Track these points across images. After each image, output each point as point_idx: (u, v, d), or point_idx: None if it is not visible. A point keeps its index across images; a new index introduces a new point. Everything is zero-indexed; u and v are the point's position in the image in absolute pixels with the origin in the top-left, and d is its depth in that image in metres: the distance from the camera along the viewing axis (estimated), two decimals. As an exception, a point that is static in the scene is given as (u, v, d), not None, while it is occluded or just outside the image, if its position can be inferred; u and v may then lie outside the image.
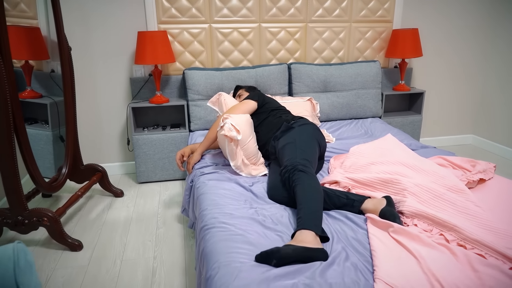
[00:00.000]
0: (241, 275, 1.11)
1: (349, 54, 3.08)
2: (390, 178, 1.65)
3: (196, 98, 2.70)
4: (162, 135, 2.71)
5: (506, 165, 3.10)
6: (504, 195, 1.65)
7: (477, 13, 3.26)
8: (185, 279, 1.76)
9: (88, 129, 2.85)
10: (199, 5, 2.72)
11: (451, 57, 3.35)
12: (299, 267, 1.16)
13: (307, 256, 1.19)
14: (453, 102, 3.51)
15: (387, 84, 3.22)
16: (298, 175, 1.56)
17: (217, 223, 1.43)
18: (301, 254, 1.19)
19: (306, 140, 1.85)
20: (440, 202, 1.50)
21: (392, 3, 3.04)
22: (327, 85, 2.87)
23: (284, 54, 2.96)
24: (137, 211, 2.41)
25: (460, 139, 3.65)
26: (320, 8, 2.92)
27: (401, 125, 3.12)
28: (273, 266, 1.16)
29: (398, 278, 1.09)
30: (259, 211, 1.55)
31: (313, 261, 1.19)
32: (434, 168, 1.76)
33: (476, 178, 1.76)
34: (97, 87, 2.78)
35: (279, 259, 1.17)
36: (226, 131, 1.81)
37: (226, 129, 1.82)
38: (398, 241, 1.28)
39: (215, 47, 2.83)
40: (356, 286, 1.08)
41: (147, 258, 1.92)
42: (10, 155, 1.79)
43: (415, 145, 2.37)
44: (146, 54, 2.50)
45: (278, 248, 1.19)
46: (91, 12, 2.62)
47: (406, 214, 1.46)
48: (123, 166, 2.99)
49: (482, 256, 1.21)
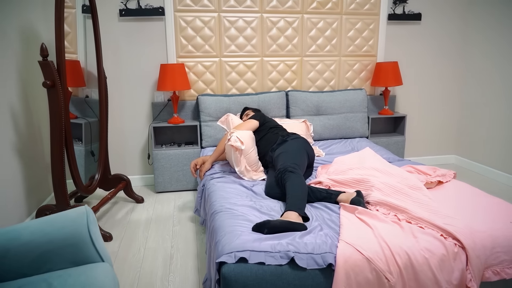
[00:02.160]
0: (241, 237, 1.52)
1: (339, 83, 3.58)
2: (362, 178, 2.07)
3: (208, 120, 3.18)
4: (178, 151, 3.17)
5: (486, 183, 3.47)
6: (455, 192, 2.05)
7: (451, 44, 3.75)
8: (197, 261, 2.15)
9: (116, 145, 3.33)
10: (211, 43, 3.26)
11: (429, 84, 3.82)
12: (284, 234, 1.57)
13: (290, 227, 1.60)
14: (435, 124, 3.94)
15: (373, 109, 3.68)
16: (288, 175, 1.99)
17: (224, 208, 1.86)
18: (286, 225, 1.60)
19: (296, 150, 2.29)
20: (399, 195, 1.91)
21: (375, 40, 3.56)
22: (320, 109, 3.34)
23: (283, 83, 3.47)
24: (155, 214, 2.83)
25: (443, 159, 4.05)
26: (313, 44, 3.44)
27: (386, 145, 3.54)
28: (265, 234, 1.57)
29: (355, 239, 1.50)
30: (257, 202, 1.97)
31: (295, 231, 1.60)
32: (400, 172, 2.18)
33: (434, 180, 2.17)
34: (124, 110, 3.28)
35: (269, 228, 1.58)
36: (232, 141, 2.27)
37: (232, 140, 2.28)
38: (361, 218, 1.69)
39: (224, 77, 3.35)
40: (325, 244, 1.48)
41: (166, 247, 2.32)
42: (60, 163, 2.24)
43: (392, 158, 2.79)
44: (167, 82, 3.01)
45: (269, 221, 1.60)
46: (123, 48, 3.16)
47: (372, 203, 1.87)
48: (142, 178, 3.44)
49: (422, 228, 1.61)
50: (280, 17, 3.33)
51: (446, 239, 1.54)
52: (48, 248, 1.30)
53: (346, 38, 3.49)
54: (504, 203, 1.90)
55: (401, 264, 1.45)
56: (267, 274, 1.38)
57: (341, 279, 1.40)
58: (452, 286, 1.48)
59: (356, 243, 1.48)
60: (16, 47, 2.47)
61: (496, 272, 1.55)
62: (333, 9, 3.40)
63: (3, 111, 2.27)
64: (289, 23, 3.36)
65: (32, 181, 2.63)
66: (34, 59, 2.77)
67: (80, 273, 1.26)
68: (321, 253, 1.44)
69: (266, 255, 1.42)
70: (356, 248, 1.45)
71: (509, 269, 1.56)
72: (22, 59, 2.56)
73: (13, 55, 2.43)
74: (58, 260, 1.31)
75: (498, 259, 1.55)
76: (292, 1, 3.32)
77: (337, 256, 1.42)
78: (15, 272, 1.28)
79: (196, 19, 3.20)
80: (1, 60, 2.28)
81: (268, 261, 1.39)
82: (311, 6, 3.36)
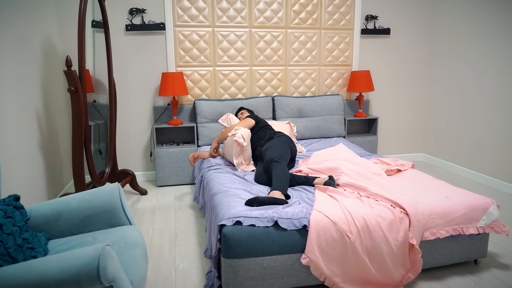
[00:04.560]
0: (236, 208, 1.95)
1: (319, 89, 4.05)
2: (334, 166, 2.53)
3: (203, 121, 3.60)
4: (177, 149, 3.58)
5: (450, 177, 3.97)
6: (409, 178, 2.52)
7: (417, 54, 4.27)
8: (198, 238, 2.57)
9: (121, 144, 3.72)
10: (206, 54, 3.70)
11: (398, 89, 4.33)
12: (270, 206, 2.00)
13: (275, 202, 2.03)
14: (405, 125, 4.45)
15: (349, 112, 4.17)
16: (274, 164, 2.43)
17: (221, 190, 2.28)
18: (271, 200, 2.03)
19: (282, 145, 2.74)
20: (363, 179, 2.36)
21: (350, 52, 4.05)
22: (302, 112, 3.80)
23: (270, 89, 3.92)
24: (159, 203, 3.23)
25: (412, 157, 4.55)
26: (296, 55, 3.92)
27: (361, 143, 4.02)
28: (255, 207, 2.00)
29: (325, 209, 1.94)
30: (248, 187, 2.41)
31: (278, 205, 2.03)
32: (366, 162, 2.64)
33: (394, 168, 2.64)
34: (128, 113, 3.69)
35: (258, 202, 2.01)
36: (237, 137, 2.71)
37: (237, 136, 2.72)
38: (330, 195, 2.14)
39: (218, 84, 3.79)
40: (301, 213, 1.92)
41: (170, 228, 2.73)
42: (80, 158, 2.63)
43: (363, 154, 3.26)
44: (168, 88, 3.44)
45: (258, 197, 2.03)
46: (128, 58, 3.58)
47: (341, 184, 2.31)
48: (145, 174, 3.84)
49: (377, 201, 2.06)
50: (266, 31, 3.80)
51: (395, 208, 1.99)
52: (90, 213, 1.70)
53: (325, 49, 3.98)
54: (447, 185, 2.37)
55: (359, 226, 1.89)
56: (257, 233, 1.81)
57: (313, 238, 1.84)
58: (398, 242, 1.93)
59: (325, 211, 1.92)
60: (38, 58, 2.87)
61: (433, 233, 2.01)
62: (313, 24, 3.89)
63: (31, 114, 2.66)
64: (275, 36, 3.83)
65: (51, 174, 3.00)
66: (52, 69, 3.17)
67: (116, 231, 1.67)
68: (298, 218, 1.88)
69: (256, 220, 1.85)
70: (325, 214, 1.90)
71: (442, 230, 2.02)
72: (44, 69, 2.96)
73: (36, 65, 2.82)
74: (98, 223, 1.72)
75: (434, 223, 2.02)
76: (277, 17, 3.79)
77: (310, 220, 1.86)
78: (66, 231, 1.68)
79: (193, 33, 3.64)
80: (29, 69, 2.68)
81: (258, 224, 1.83)
82: (294, 22, 3.84)
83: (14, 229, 1.45)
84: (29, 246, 1.48)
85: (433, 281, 2.05)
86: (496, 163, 3.52)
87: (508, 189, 3.38)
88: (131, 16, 3.50)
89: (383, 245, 1.91)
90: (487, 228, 2.11)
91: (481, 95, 3.64)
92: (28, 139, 2.59)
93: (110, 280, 1.15)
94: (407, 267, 1.97)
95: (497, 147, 3.49)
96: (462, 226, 2.06)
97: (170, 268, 2.20)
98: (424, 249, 2.04)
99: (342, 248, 1.87)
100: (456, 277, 2.09)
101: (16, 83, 2.45)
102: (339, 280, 1.89)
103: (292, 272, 1.88)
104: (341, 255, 1.87)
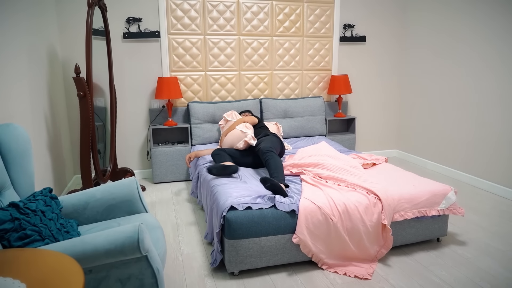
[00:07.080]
0: (236, 196, 2.27)
1: (302, 92, 4.41)
2: (317, 161, 2.88)
3: (197, 122, 3.89)
4: (172, 148, 3.86)
5: (421, 171, 4.40)
6: (382, 170, 2.90)
7: (390, 59, 4.70)
8: (197, 226, 2.86)
9: (119, 144, 3.96)
10: (198, 60, 3.99)
11: (374, 92, 4.74)
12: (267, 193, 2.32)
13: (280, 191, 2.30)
14: (380, 124, 4.87)
15: (330, 113, 4.54)
16: (270, 154, 2.76)
17: (220, 184, 2.59)
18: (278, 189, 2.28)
19: (275, 141, 3.09)
20: (342, 171, 2.72)
21: (330, 57, 4.43)
22: (287, 113, 4.15)
23: (257, 92, 4.25)
24: (157, 198, 3.50)
25: (387, 153, 4.98)
26: (281, 61, 4.26)
27: (341, 141, 4.40)
28: (266, 188, 2.30)
29: (311, 196, 2.28)
30: (243, 180, 2.72)
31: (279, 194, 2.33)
32: (345, 157, 3.00)
33: (369, 162, 3.02)
34: (126, 114, 3.94)
35: (270, 184, 2.28)
36: (248, 138, 3.03)
37: (248, 137, 3.04)
38: (315, 185, 2.48)
39: (209, 87, 4.08)
40: (292, 199, 2.26)
41: (171, 219, 3.02)
42: (88, 157, 2.89)
43: (343, 150, 3.64)
44: (163, 92, 3.71)
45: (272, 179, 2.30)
46: (125, 64, 3.83)
47: (323, 177, 2.66)
48: (141, 172, 4.09)
49: (354, 189, 2.42)
50: (254, 39, 4.12)
51: (369, 195, 2.36)
52: (112, 203, 1.98)
53: (307, 55, 4.34)
54: (414, 175, 2.76)
55: (340, 210, 2.25)
56: (255, 217, 2.14)
57: (302, 220, 2.18)
58: (372, 223, 2.29)
59: (312, 198, 2.27)
60: (45, 65, 3.10)
61: (401, 215, 2.38)
62: (296, 32, 4.24)
63: (40, 117, 2.89)
64: (261, 43, 4.16)
65: (57, 172, 3.23)
66: (55, 75, 3.39)
67: (136, 218, 1.96)
68: (289, 203, 2.21)
69: (255, 205, 2.17)
70: (312, 201, 2.24)
71: (409, 213, 2.40)
72: (49, 75, 3.18)
73: (43, 72, 3.05)
74: (119, 211, 2.00)
75: (402, 207, 2.39)
76: (263, 26, 4.12)
77: (300, 206, 2.20)
78: (92, 219, 1.95)
79: (186, 40, 3.92)
80: (39, 76, 2.91)
81: (255, 207, 2.15)
82: (279, 30, 4.18)
83: (53, 216, 1.72)
84: (65, 230, 1.75)
85: (402, 256, 2.43)
86: (459, 157, 3.97)
87: (467, 179, 3.83)
88: (128, 24, 3.75)
89: (360, 226, 2.27)
90: (447, 210, 2.50)
91: (449, 95, 4.09)
92: (38, 140, 2.82)
93: (146, 251, 1.45)
94: (380, 244, 2.34)
95: (463, 143, 3.94)
96: (425, 209, 2.45)
97: (176, 252, 2.49)
98: (394, 229, 2.41)
99: (326, 229, 2.22)
100: (422, 252, 2.47)
101: (30, 91, 2.68)
102: (324, 256, 2.24)
103: (285, 250, 2.21)
104: (326, 234, 2.22)
